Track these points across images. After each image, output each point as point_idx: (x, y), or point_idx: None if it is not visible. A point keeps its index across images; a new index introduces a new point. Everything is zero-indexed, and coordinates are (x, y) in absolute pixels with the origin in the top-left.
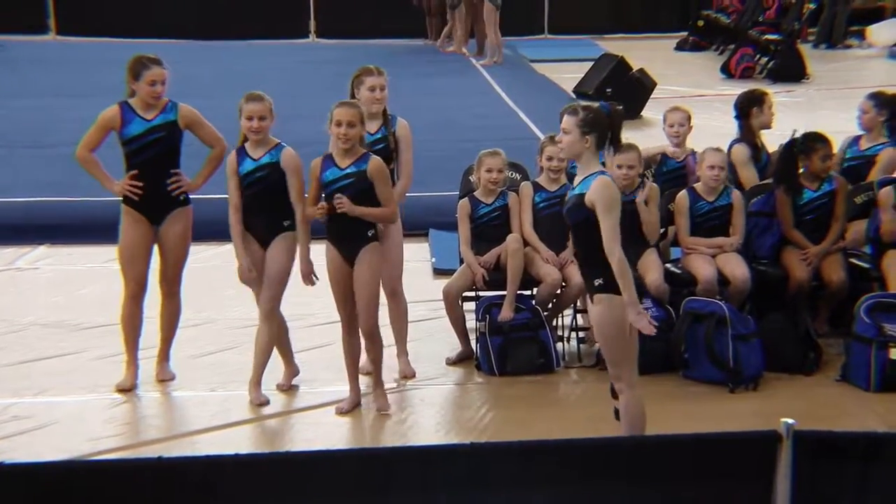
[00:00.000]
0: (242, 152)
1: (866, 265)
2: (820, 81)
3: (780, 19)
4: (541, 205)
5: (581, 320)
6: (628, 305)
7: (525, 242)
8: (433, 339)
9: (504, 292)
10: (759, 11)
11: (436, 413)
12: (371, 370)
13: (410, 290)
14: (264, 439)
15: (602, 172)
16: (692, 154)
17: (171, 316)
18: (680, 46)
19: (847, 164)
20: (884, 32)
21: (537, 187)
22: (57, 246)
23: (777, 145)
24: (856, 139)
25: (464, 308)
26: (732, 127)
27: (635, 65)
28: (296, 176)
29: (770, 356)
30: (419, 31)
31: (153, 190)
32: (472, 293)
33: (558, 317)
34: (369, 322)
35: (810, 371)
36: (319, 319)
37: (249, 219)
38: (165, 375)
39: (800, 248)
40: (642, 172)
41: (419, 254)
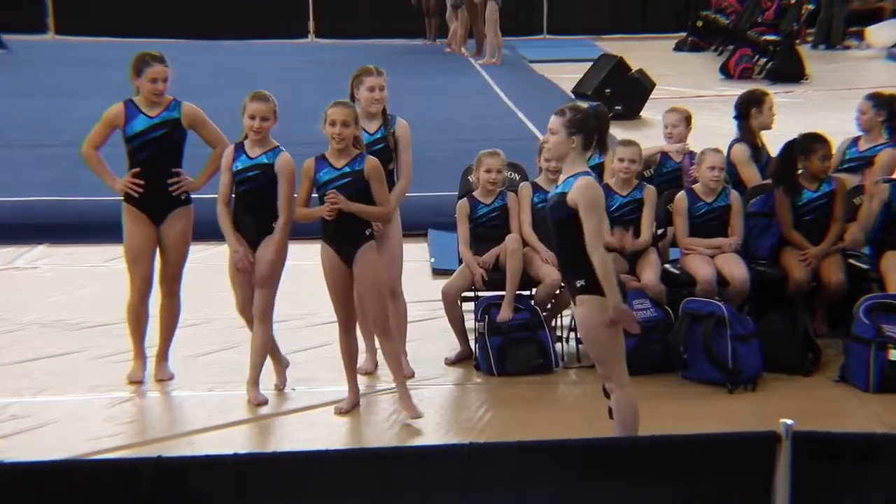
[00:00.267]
0: (240, 149)
1: (865, 266)
2: (819, 82)
3: (779, 20)
4: (540, 205)
5: None
6: (611, 306)
7: (524, 243)
8: (432, 340)
9: (503, 292)
10: (758, 12)
11: (435, 413)
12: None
13: (409, 291)
14: (263, 439)
15: (587, 173)
16: (688, 154)
17: (171, 315)
18: (679, 47)
19: (846, 165)
20: (883, 33)
21: (536, 188)
22: (56, 245)
23: (776, 146)
24: (855, 140)
25: (463, 309)
26: (731, 127)
27: (634, 65)
28: (288, 182)
29: (769, 357)
30: (418, 31)
31: (155, 188)
32: (472, 293)
33: (557, 317)
34: (380, 318)
35: (809, 372)
36: (319, 319)
37: (239, 218)
38: (164, 375)
39: (799, 249)
40: (641, 172)
41: (418, 254)
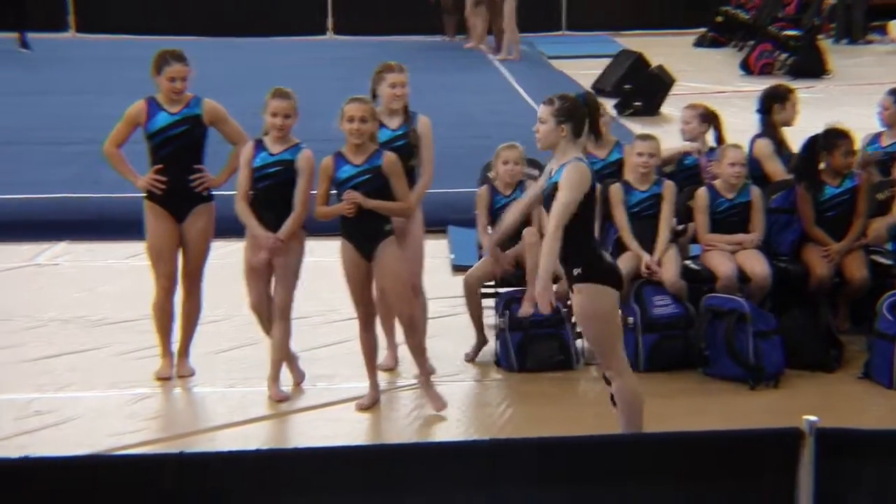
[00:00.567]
0: (260, 145)
1: (888, 262)
2: (840, 77)
3: (800, 15)
4: None
5: None
6: (539, 279)
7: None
8: (452, 336)
9: (524, 288)
10: (779, 7)
11: (455, 410)
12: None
13: (429, 287)
14: (284, 435)
15: (578, 159)
16: (708, 152)
17: (192, 312)
18: (699, 43)
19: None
20: None
21: None
22: (77, 242)
23: (797, 142)
24: (877, 136)
25: (483, 305)
26: (752, 123)
27: (654, 61)
28: (307, 179)
29: (791, 353)
30: (436, 28)
31: (177, 185)
32: (492, 290)
33: None
34: (406, 311)
35: (832, 368)
36: (339, 315)
37: (259, 214)
38: (185, 371)
39: (821, 245)
40: (660, 168)
41: (438, 250)
